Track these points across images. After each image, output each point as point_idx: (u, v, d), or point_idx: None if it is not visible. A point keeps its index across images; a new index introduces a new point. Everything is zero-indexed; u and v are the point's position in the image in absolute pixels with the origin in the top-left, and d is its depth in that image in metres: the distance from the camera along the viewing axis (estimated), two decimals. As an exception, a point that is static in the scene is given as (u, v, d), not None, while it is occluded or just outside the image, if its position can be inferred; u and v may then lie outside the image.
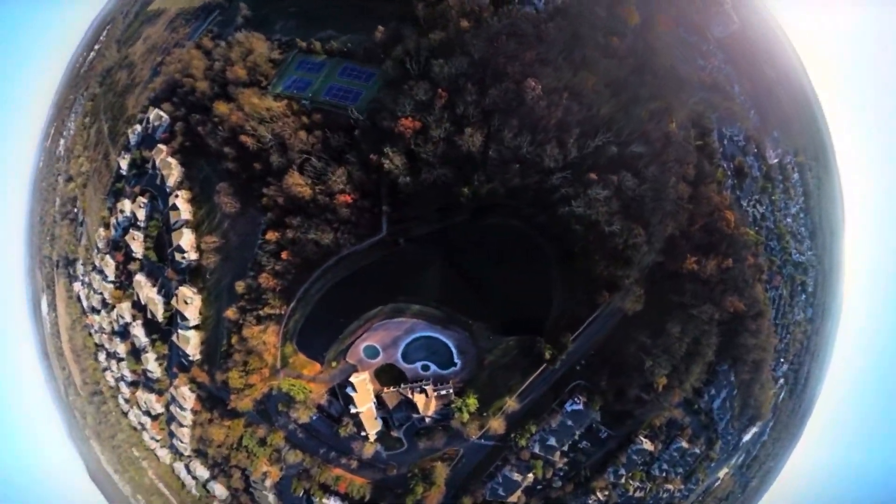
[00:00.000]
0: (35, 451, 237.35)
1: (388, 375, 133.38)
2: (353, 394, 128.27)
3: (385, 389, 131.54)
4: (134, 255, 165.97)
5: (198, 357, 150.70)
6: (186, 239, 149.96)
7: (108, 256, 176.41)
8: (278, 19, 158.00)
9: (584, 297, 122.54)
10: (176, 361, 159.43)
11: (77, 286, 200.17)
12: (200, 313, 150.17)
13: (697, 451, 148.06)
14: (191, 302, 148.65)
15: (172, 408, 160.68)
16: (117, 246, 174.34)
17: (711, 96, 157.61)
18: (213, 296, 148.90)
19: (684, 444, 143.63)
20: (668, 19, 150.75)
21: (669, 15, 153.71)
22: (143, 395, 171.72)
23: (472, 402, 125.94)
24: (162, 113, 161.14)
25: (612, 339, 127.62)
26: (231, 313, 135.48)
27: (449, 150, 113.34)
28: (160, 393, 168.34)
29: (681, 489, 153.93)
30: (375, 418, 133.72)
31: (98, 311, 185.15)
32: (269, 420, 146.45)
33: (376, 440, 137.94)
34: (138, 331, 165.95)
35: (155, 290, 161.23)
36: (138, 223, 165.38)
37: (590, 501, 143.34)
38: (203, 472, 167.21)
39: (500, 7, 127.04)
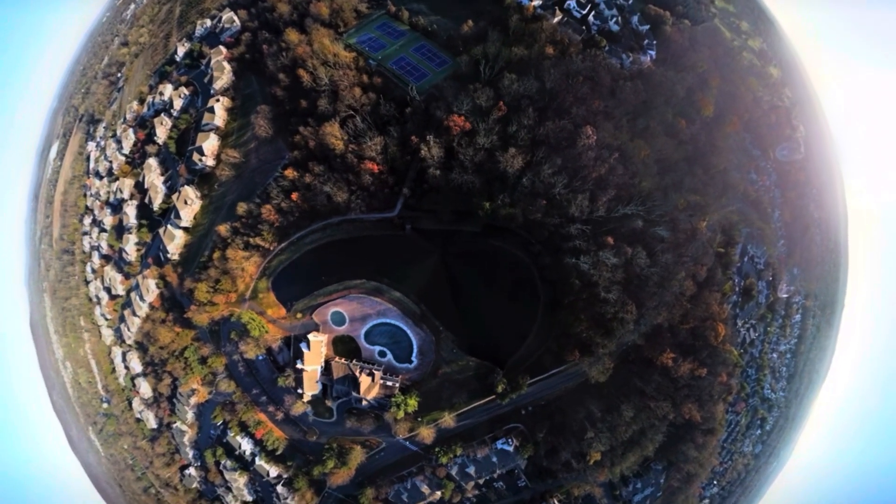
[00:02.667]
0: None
1: (344, 347, 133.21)
2: (305, 350, 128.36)
3: (336, 359, 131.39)
4: (156, 138, 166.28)
5: (175, 258, 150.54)
6: (210, 144, 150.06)
7: (131, 130, 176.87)
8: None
9: (556, 348, 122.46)
10: (153, 253, 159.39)
11: (91, 146, 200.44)
12: (195, 218, 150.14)
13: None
14: (190, 203, 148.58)
15: (133, 295, 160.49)
16: (143, 124, 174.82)
17: (750, 212, 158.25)
18: (212, 206, 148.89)
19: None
20: (739, 123, 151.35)
21: (742, 120, 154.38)
22: (110, 272, 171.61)
23: (413, 403, 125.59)
24: (235, 18, 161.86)
25: (565, 398, 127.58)
26: (223, 229, 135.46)
27: (487, 161, 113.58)
28: (127, 276, 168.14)
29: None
30: (316, 381, 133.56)
31: (101, 177, 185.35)
32: (217, 343, 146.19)
33: (309, 402, 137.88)
34: (131, 210, 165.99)
35: (162, 179, 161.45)
36: (171, 111, 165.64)
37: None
38: (136, 366, 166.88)
39: (589, 48, 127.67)
